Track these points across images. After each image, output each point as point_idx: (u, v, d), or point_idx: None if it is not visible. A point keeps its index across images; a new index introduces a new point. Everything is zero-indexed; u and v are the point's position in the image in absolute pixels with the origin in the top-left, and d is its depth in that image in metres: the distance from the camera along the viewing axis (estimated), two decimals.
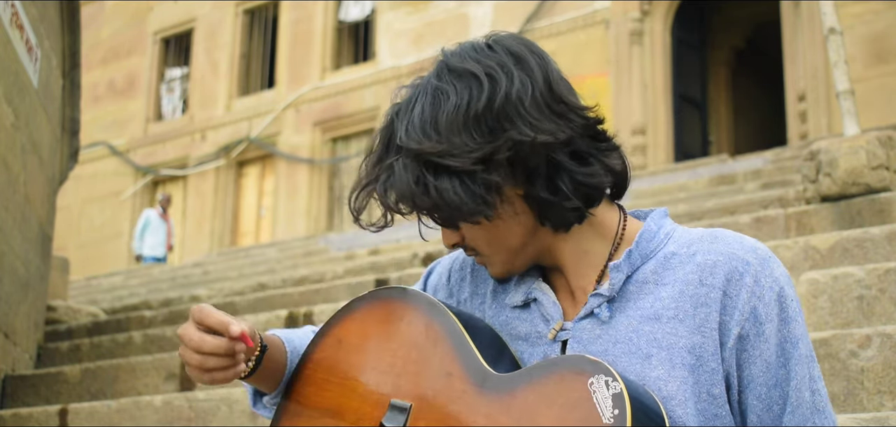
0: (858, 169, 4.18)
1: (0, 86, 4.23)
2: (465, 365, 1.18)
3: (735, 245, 1.19)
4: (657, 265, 1.21)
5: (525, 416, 1.09)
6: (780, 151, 9.42)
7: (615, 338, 1.19)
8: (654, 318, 1.18)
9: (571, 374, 1.07)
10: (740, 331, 1.16)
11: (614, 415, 1.02)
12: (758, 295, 1.16)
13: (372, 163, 1.22)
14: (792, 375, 1.17)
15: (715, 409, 1.16)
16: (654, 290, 1.19)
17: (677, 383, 1.14)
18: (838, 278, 2.93)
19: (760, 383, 1.16)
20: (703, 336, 1.16)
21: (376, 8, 15.62)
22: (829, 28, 5.10)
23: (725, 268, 1.17)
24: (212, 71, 17.16)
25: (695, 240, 1.22)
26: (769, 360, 1.16)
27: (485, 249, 1.24)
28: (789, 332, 1.17)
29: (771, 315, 1.16)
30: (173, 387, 4.24)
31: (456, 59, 1.21)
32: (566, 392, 1.07)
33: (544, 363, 1.12)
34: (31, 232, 4.98)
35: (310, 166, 15.55)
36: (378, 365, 1.25)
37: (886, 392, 2.41)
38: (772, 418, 1.17)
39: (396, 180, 1.17)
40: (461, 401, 1.15)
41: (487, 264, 1.27)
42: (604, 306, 1.21)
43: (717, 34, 14.04)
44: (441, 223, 1.22)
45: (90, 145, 16.42)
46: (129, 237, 17.06)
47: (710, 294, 1.16)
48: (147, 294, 9.24)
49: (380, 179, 1.19)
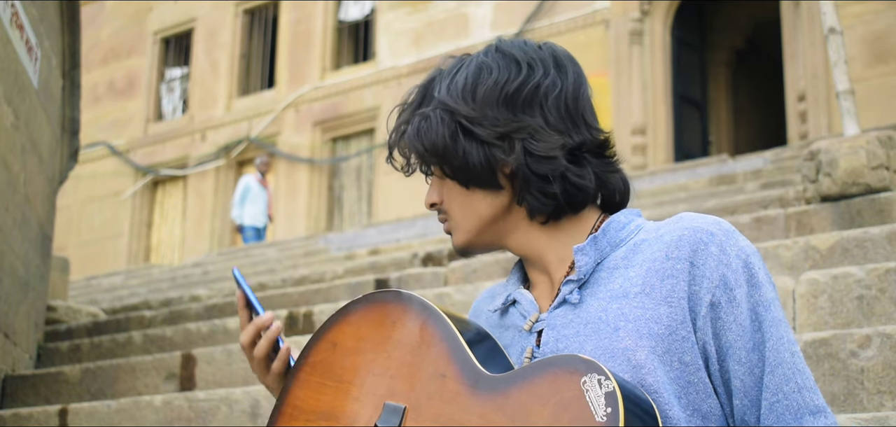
0: (858, 169, 4.18)
1: (0, 86, 4.23)
2: (458, 366, 1.19)
3: (698, 220, 1.23)
4: (627, 251, 1.25)
5: (519, 416, 1.10)
6: (780, 151, 9.42)
7: (585, 319, 1.22)
8: (622, 296, 1.21)
9: (564, 373, 1.09)
10: (711, 298, 1.18)
11: (607, 413, 1.04)
12: (725, 262, 1.19)
13: (410, 108, 1.32)
14: (767, 337, 1.18)
15: (688, 376, 1.18)
16: (624, 272, 1.23)
17: (645, 352, 1.17)
18: (838, 278, 2.93)
19: (739, 348, 1.18)
20: (670, 306, 1.18)
21: (376, 8, 15.62)
22: (829, 28, 5.10)
23: (690, 240, 1.20)
24: (212, 71, 17.16)
25: (662, 225, 1.26)
26: (744, 325, 1.18)
27: (457, 213, 1.31)
28: (760, 295, 1.19)
29: (740, 280, 1.19)
30: (173, 387, 4.24)
31: (507, 45, 1.30)
32: (559, 391, 1.08)
33: (537, 363, 1.13)
34: (31, 232, 4.98)
35: (310, 166, 15.55)
36: (373, 368, 1.27)
37: (886, 392, 2.41)
38: (754, 381, 1.18)
39: (432, 128, 1.26)
40: (455, 402, 1.17)
41: (453, 230, 1.33)
42: (574, 291, 1.25)
43: (717, 34, 14.04)
44: (452, 177, 1.29)
45: (90, 145, 16.42)
46: (129, 237, 17.07)
47: (676, 266, 1.19)
48: (147, 294, 9.24)
49: (413, 123, 1.29)
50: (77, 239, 17.14)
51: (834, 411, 2.44)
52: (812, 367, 2.52)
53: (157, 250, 17.12)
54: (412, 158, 1.31)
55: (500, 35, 1.38)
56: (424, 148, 1.27)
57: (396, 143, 1.31)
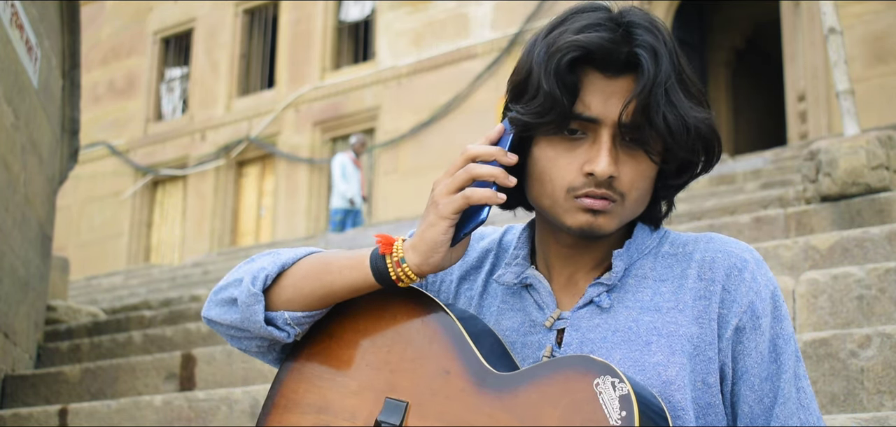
0: (858, 169, 4.18)
1: (0, 86, 4.23)
2: (463, 362, 1.16)
3: (732, 245, 1.23)
4: (655, 262, 1.24)
5: (528, 416, 1.07)
6: (780, 151, 9.42)
7: (614, 327, 1.20)
8: (654, 310, 1.20)
9: (576, 374, 1.06)
10: (738, 323, 1.18)
11: (622, 416, 1.01)
12: (755, 290, 1.19)
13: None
14: (783, 370, 1.19)
15: (708, 397, 1.18)
16: (653, 286, 1.22)
17: (676, 369, 1.16)
18: (838, 278, 2.93)
19: (754, 375, 1.19)
20: (701, 327, 1.18)
21: (376, 8, 15.62)
22: (829, 28, 5.09)
23: (725, 263, 1.20)
24: (212, 71, 17.15)
25: (689, 241, 1.26)
26: (763, 354, 1.19)
27: (626, 187, 1.18)
28: (782, 328, 1.21)
29: (766, 310, 1.19)
30: (173, 387, 4.24)
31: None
32: (571, 392, 1.05)
33: (547, 363, 1.11)
34: (31, 232, 4.98)
35: (310, 166, 15.55)
36: (372, 361, 1.23)
37: (886, 392, 2.41)
38: (762, 410, 1.19)
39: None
40: (460, 399, 1.13)
41: (613, 214, 1.18)
42: (604, 295, 1.22)
43: (717, 34, 14.03)
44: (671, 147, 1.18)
45: (90, 145, 16.41)
46: (129, 237, 17.06)
47: (710, 287, 1.20)
48: (147, 294, 9.24)
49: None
50: (77, 239, 17.14)
51: (834, 411, 2.45)
52: (812, 367, 2.52)
53: (157, 250, 17.11)
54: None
55: (500, 35, 1.34)
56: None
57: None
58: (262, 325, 1.27)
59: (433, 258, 1.18)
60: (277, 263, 1.28)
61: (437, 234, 1.17)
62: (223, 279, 1.33)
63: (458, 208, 1.16)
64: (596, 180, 1.15)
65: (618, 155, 1.16)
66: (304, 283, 1.26)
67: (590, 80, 1.16)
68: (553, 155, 1.18)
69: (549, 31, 1.20)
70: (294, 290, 1.27)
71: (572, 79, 1.15)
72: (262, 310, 1.27)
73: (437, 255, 1.18)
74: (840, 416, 2.25)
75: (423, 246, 1.17)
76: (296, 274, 1.27)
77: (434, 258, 1.18)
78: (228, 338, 1.32)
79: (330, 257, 1.27)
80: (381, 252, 1.21)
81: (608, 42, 1.14)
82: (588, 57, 1.15)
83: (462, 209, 1.16)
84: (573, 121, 1.16)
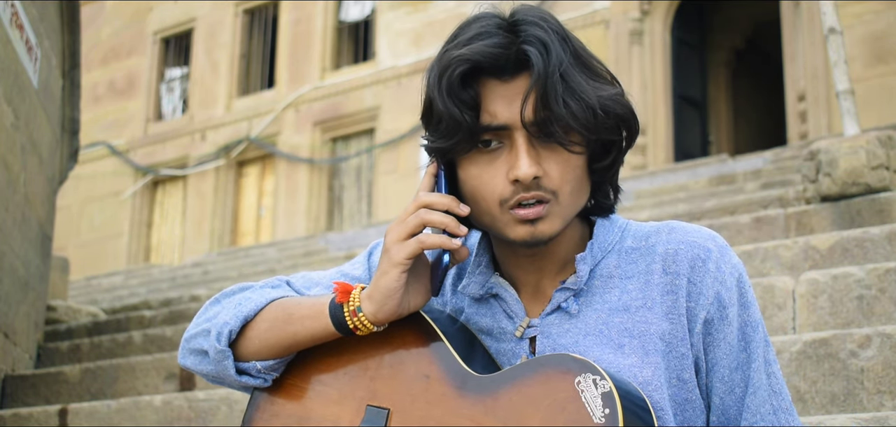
0: (858, 169, 4.18)
1: (0, 86, 4.23)
2: (443, 367, 1.15)
3: (693, 233, 1.21)
4: (618, 259, 1.22)
5: (511, 419, 1.07)
6: (779, 151, 9.42)
7: (585, 330, 1.19)
8: (623, 310, 1.19)
9: (557, 373, 1.05)
10: (706, 315, 1.17)
11: (605, 414, 1.01)
12: (720, 280, 1.18)
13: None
14: (752, 358, 1.19)
15: (685, 393, 1.17)
16: (620, 284, 1.20)
17: (651, 369, 1.15)
18: (838, 278, 2.93)
19: (723, 366, 1.18)
20: (672, 323, 1.17)
21: (376, 8, 15.62)
22: (829, 28, 5.09)
23: (688, 255, 1.19)
24: (212, 71, 17.15)
25: (651, 233, 1.23)
26: (732, 343, 1.18)
27: (556, 183, 1.15)
28: (749, 316, 1.20)
29: (733, 299, 1.18)
30: (173, 387, 4.24)
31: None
32: (553, 392, 1.05)
33: (527, 363, 1.10)
34: (31, 232, 4.98)
35: (310, 166, 15.55)
36: (351, 369, 1.22)
37: (886, 392, 2.41)
38: (734, 400, 1.19)
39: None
40: (441, 404, 1.13)
41: (549, 215, 1.16)
42: (571, 300, 1.20)
43: (717, 34, 14.03)
44: (589, 136, 1.15)
45: (90, 145, 16.41)
46: (129, 237, 17.06)
47: (675, 281, 1.18)
48: (147, 294, 9.24)
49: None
50: (77, 239, 17.13)
51: (834, 411, 2.45)
52: (812, 367, 2.52)
53: (157, 250, 17.11)
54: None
55: None
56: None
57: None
58: (236, 377, 1.27)
59: (388, 305, 1.16)
60: (239, 317, 1.27)
61: (390, 282, 1.15)
62: (192, 323, 1.33)
63: (411, 254, 1.14)
64: (523, 185, 1.13)
65: (538, 154, 1.14)
66: (269, 335, 1.26)
67: (488, 88, 1.15)
68: (477, 172, 1.16)
69: (442, 52, 1.18)
70: (260, 342, 1.26)
71: (470, 93, 1.13)
72: (232, 365, 1.27)
73: (391, 302, 1.16)
74: (840, 416, 2.25)
75: (378, 294, 1.16)
76: (260, 325, 1.27)
77: (389, 305, 1.16)
78: (210, 381, 1.33)
79: (291, 306, 1.26)
80: (338, 301, 1.20)
81: (495, 47, 1.13)
82: (479, 67, 1.13)
83: (414, 255, 1.15)
84: (484, 133, 1.14)
